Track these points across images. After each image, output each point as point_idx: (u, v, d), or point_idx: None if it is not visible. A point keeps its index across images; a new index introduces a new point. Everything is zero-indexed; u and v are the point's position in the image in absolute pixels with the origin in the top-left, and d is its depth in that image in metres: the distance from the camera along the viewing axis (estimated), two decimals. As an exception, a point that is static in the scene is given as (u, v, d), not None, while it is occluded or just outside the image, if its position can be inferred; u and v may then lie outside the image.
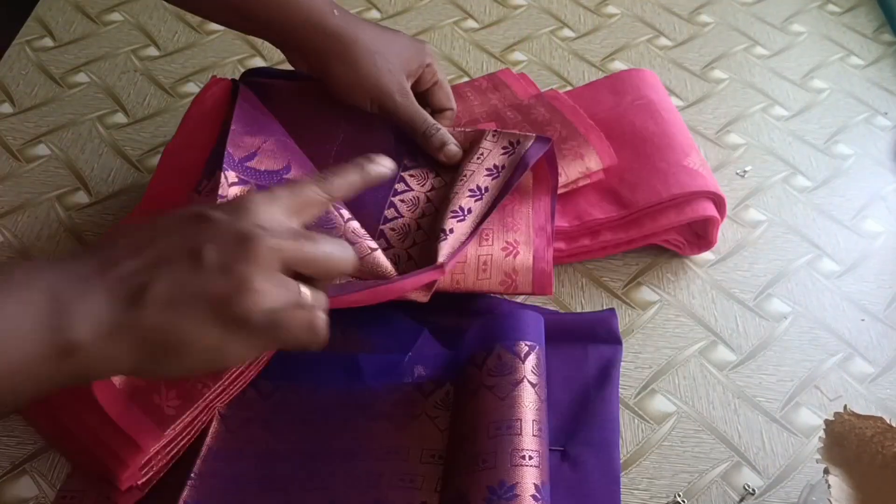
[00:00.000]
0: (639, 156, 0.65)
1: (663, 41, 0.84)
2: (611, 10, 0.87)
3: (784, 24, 0.87)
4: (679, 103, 0.77)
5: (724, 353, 0.59)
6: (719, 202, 0.62)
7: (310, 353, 0.54)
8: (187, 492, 0.48)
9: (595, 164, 0.63)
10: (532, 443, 0.47)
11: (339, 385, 0.54)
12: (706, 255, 0.65)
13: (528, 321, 0.53)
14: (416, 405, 0.53)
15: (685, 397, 0.57)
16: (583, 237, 0.62)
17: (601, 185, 0.63)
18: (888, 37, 0.86)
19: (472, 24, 0.85)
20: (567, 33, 0.84)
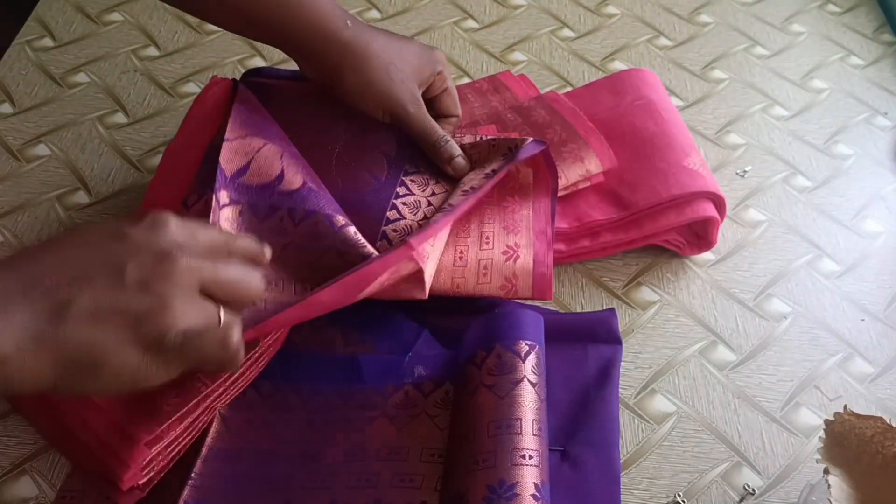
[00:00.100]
0: (639, 156, 0.65)
1: (663, 41, 0.84)
2: (611, 10, 0.87)
3: (784, 24, 0.87)
4: (679, 103, 0.77)
5: (724, 353, 0.59)
6: (719, 202, 0.62)
7: (310, 353, 0.55)
8: (188, 492, 0.48)
9: (595, 167, 0.63)
10: (532, 442, 0.47)
11: (340, 385, 0.54)
12: (706, 255, 0.65)
13: (527, 321, 0.53)
14: (416, 405, 0.53)
15: (685, 397, 0.57)
16: (583, 238, 0.62)
17: (601, 187, 0.63)
18: (888, 37, 0.86)
19: (472, 24, 0.85)
20: (567, 33, 0.84)
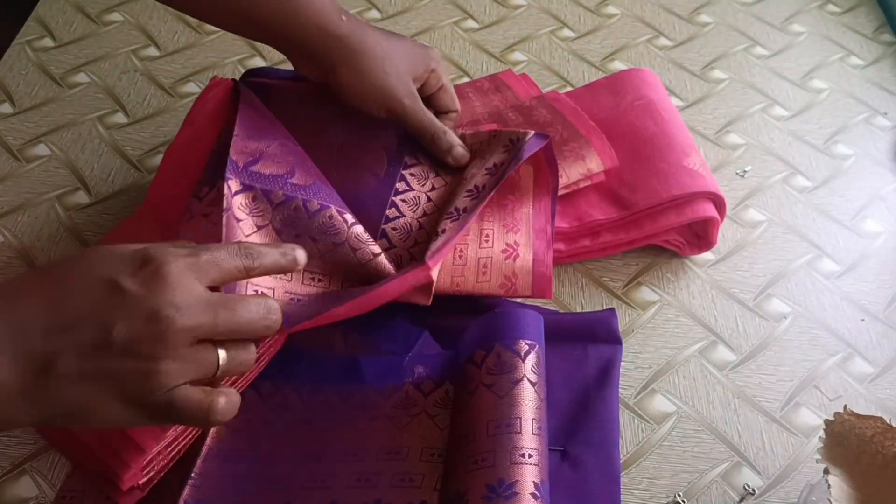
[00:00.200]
0: (639, 156, 0.65)
1: (663, 41, 0.84)
2: (611, 10, 0.87)
3: (784, 24, 0.87)
4: (679, 103, 0.77)
5: (723, 353, 0.59)
6: (719, 202, 0.62)
7: (311, 353, 0.55)
8: (188, 492, 0.48)
9: (596, 166, 0.63)
10: (531, 441, 0.47)
11: (340, 385, 0.54)
12: (706, 255, 0.65)
13: (527, 320, 0.53)
14: (416, 404, 0.53)
15: (685, 397, 0.57)
16: (583, 238, 0.62)
17: (601, 186, 0.63)
18: (888, 37, 0.86)
19: (472, 24, 0.85)
20: (567, 33, 0.84)
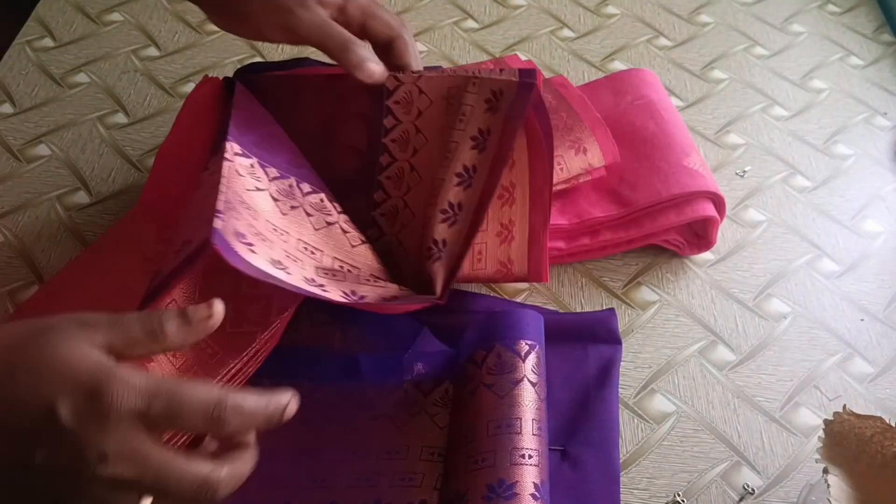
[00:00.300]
0: (639, 155, 0.65)
1: (663, 41, 0.84)
2: (611, 10, 0.87)
3: (784, 24, 0.87)
4: (679, 103, 0.77)
5: (723, 353, 0.59)
6: (719, 202, 0.62)
7: (310, 351, 0.55)
8: (187, 491, 0.48)
9: (597, 160, 0.62)
10: (531, 441, 0.47)
11: (339, 383, 0.54)
12: (706, 255, 0.65)
13: (527, 320, 0.53)
14: (416, 403, 0.53)
15: (685, 397, 0.57)
16: (582, 236, 0.62)
17: (601, 185, 0.64)
18: (888, 37, 0.86)
19: (472, 24, 0.85)
20: (567, 33, 0.84)
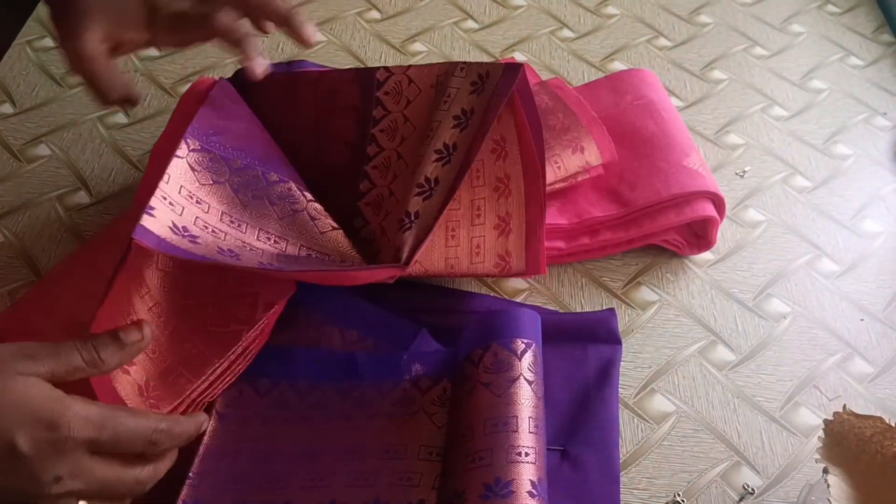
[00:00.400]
0: (638, 155, 0.65)
1: (663, 41, 0.84)
2: (610, 10, 0.87)
3: (783, 24, 0.87)
4: (679, 103, 0.77)
5: (723, 353, 0.59)
6: (719, 202, 0.62)
7: (308, 350, 0.55)
8: (186, 491, 0.48)
9: (595, 159, 0.62)
10: (528, 439, 0.47)
11: (337, 383, 0.54)
12: (706, 255, 0.65)
13: (524, 319, 0.53)
14: (414, 402, 0.53)
15: (684, 397, 0.57)
16: (582, 236, 0.62)
17: (601, 184, 0.64)
18: (887, 37, 0.86)
19: (471, 24, 0.85)
20: (567, 34, 0.84)
